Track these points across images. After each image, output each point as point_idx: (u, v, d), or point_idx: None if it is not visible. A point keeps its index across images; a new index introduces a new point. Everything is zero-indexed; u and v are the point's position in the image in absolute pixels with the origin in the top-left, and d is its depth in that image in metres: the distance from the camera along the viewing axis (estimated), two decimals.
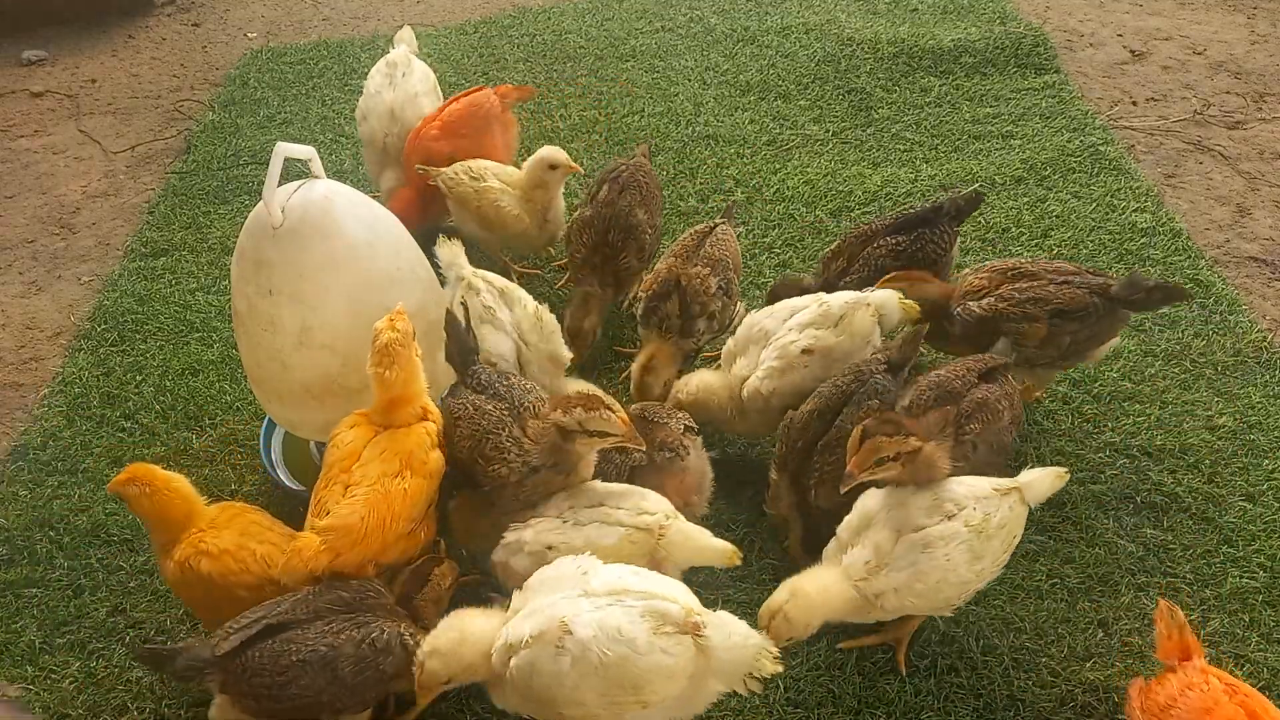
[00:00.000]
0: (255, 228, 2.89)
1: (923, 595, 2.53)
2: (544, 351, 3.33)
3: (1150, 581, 3.03)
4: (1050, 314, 3.15)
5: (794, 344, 3.15)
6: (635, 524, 2.61)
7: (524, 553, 2.64)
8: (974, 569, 2.54)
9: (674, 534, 2.61)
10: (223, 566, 2.72)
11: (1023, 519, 2.65)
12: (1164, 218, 4.36)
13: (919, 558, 2.49)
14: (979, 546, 2.52)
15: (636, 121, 5.31)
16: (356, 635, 2.50)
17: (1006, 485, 2.61)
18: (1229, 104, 5.14)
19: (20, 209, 5.27)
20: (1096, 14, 5.97)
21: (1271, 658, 2.81)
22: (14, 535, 3.47)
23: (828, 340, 3.14)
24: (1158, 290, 3.15)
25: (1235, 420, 3.47)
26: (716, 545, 2.61)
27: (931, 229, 3.52)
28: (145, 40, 6.76)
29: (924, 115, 5.13)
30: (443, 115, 4.30)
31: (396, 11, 6.80)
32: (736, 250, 3.73)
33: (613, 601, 2.29)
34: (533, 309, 3.36)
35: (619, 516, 2.64)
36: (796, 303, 3.27)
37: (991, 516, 2.54)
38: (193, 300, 4.45)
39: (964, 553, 2.50)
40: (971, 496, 2.56)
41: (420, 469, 2.73)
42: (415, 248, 3.18)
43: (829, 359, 3.15)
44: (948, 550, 2.49)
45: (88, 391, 4.02)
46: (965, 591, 2.60)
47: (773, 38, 5.90)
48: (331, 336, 2.93)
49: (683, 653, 2.26)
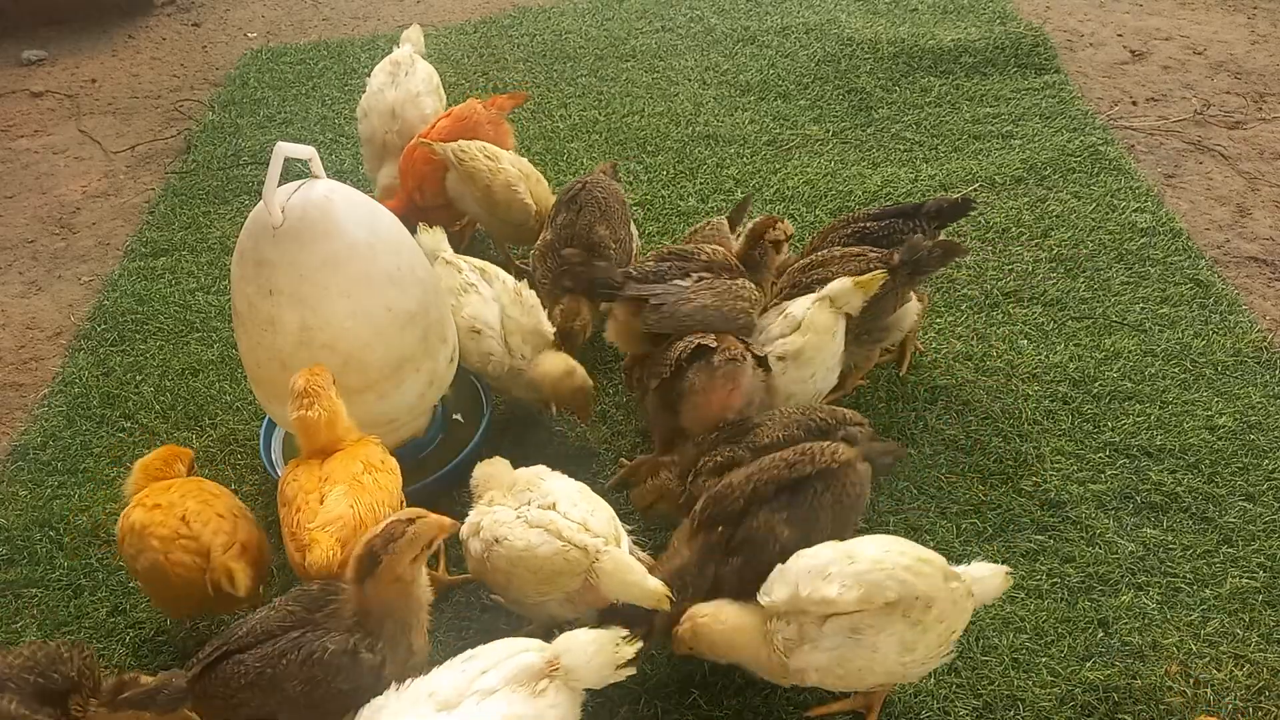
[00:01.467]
0: (255, 228, 2.89)
1: (843, 680, 2.45)
2: (525, 325, 3.40)
3: (1150, 581, 3.03)
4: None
5: (770, 354, 3.21)
6: (574, 541, 2.58)
7: (478, 538, 2.70)
8: (902, 660, 2.40)
9: (607, 562, 2.56)
10: (148, 518, 2.77)
11: (967, 613, 2.48)
12: (1164, 218, 4.36)
13: (843, 642, 2.38)
14: (911, 638, 2.38)
15: (636, 121, 5.31)
16: (298, 655, 2.42)
17: (954, 574, 2.45)
18: (1229, 104, 5.14)
19: (20, 209, 5.27)
20: (1096, 14, 5.97)
21: (1271, 658, 2.81)
22: (14, 535, 3.47)
23: (796, 343, 3.19)
24: (938, 248, 3.33)
25: (1235, 420, 3.47)
26: (647, 584, 2.52)
27: (906, 220, 3.55)
28: (145, 40, 6.77)
29: (924, 115, 5.13)
30: (431, 134, 4.24)
31: (396, 11, 6.81)
32: (728, 238, 3.68)
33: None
34: (513, 285, 3.46)
35: (561, 528, 2.60)
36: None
37: (930, 607, 2.37)
38: (193, 300, 4.45)
39: (894, 643, 2.37)
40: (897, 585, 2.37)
41: (382, 466, 2.80)
42: (415, 248, 3.19)
43: (802, 359, 3.20)
44: (876, 639, 2.36)
45: (88, 391, 4.02)
46: (891, 679, 2.50)
47: (773, 38, 5.90)
48: (331, 336, 2.93)
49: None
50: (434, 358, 3.22)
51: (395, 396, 3.13)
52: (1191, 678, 2.78)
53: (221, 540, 2.77)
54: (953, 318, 3.97)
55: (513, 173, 4.04)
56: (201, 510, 2.81)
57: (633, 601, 2.56)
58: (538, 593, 2.65)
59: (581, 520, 2.63)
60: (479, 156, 4.03)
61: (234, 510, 2.91)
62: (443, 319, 3.28)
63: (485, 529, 2.69)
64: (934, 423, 3.55)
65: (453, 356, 3.38)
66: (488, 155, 4.05)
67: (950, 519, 3.23)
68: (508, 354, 3.35)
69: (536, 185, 4.12)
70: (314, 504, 2.68)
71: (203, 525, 2.77)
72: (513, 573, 2.63)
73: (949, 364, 3.78)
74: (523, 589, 2.66)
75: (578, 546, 2.57)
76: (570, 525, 2.62)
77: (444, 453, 3.51)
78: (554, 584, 2.61)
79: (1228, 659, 2.81)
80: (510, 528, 2.65)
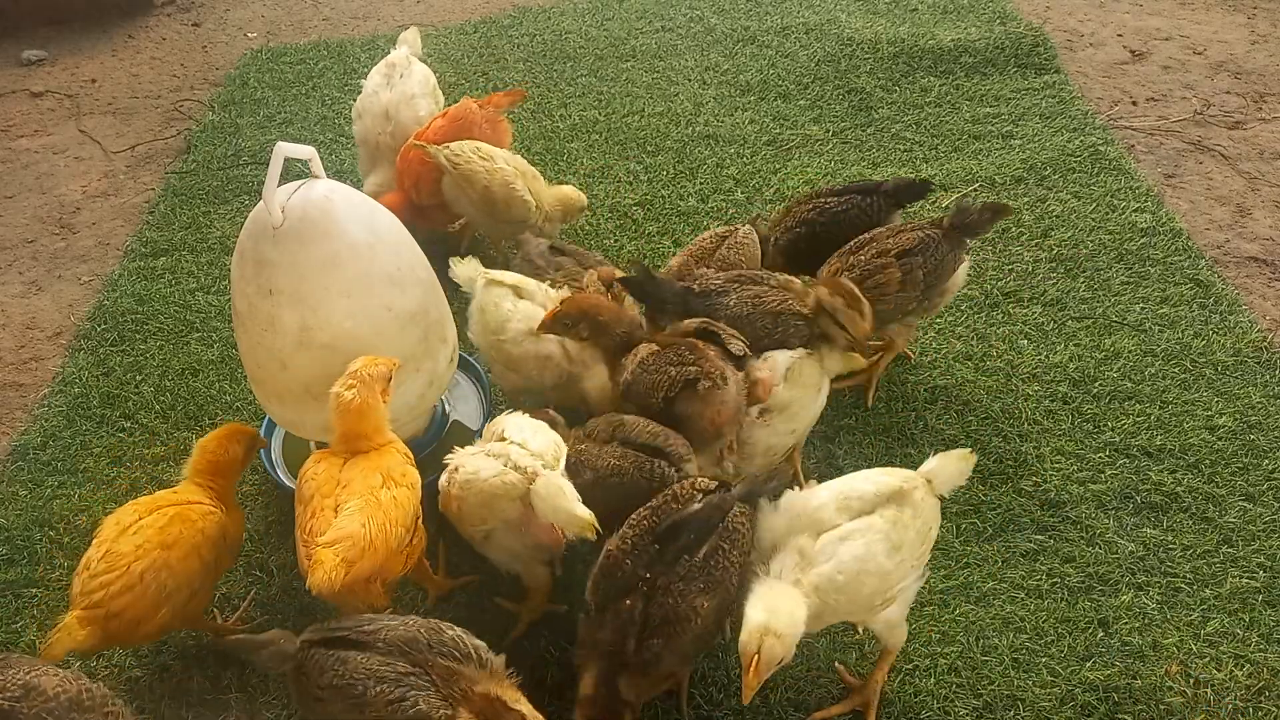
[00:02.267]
0: (255, 228, 2.89)
1: (845, 590, 2.49)
2: None
3: (1150, 581, 3.03)
4: (897, 257, 3.35)
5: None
6: (516, 463, 2.66)
7: (446, 471, 2.80)
8: (893, 559, 2.53)
9: (540, 484, 2.61)
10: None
11: (936, 509, 2.67)
12: (1164, 218, 4.36)
13: (839, 549, 2.50)
14: (895, 536, 2.54)
15: (636, 121, 5.31)
16: (391, 693, 2.34)
17: (912, 476, 2.66)
18: (1229, 104, 5.14)
19: (20, 209, 5.27)
20: (1096, 14, 5.97)
21: (1271, 658, 2.81)
22: (14, 535, 3.47)
23: (782, 397, 3.09)
24: (986, 210, 3.44)
25: (1235, 420, 3.48)
26: (576, 510, 2.55)
27: (864, 197, 3.66)
28: (145, 40, 6.76)
29: (924, 115, 5.13)
30: (426, 134, 4.24)
31: (396, 11, 6.80)
32: (756, 255, 3.66)
33: None
34: (554, 294, 3.39)
35: (511, 454, 2.69)
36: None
37: (902, 512, 2.58)
38: (193, 300, 4.45)
39: (881, 542, 2.52)
40: (875, 495, 2.60)
41: (402, 480, 2.74)
42: (415, 248, 3.18)
43: (788, 414, 3.10)
44: (866, 539, 2.51)
45: (88, 391, 4.02)
46: (887, 586, 2.56)
47: (773, 38, 5.90)
48: (331, 336, 2.93)
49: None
50: (434, 358, 3.22)
51: (395, 396, 3.12)
52: (1191, 678, 2.78)
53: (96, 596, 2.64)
54: (953, 318, 3.97)
55: (509, 171, 4.03)
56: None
57: (564, 529, 2.61)
58: (480, 519, 2.74)
59: (521, 441, 2.73)
60: (473, 158, 4.02)
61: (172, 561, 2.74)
62: (443, 319, 3.28)
63: (454, 460, 2.81)
64: (934, 423, 3.55)
65: (452, 357, 3.37)
66: (482, 155, 4.04)
67: (950, 519, 3.23)
68: (566, 357, 3.31)
69: (534, 182, 4.12)
70: (328, 513, 2.62)
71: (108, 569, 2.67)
72: (463, 500, 2.73)
73: (949, 364, 3.78)
74: (470, 516, 2.75)
75: (517, 468, 2.64)
76: (519, 451, 2.70)
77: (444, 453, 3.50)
78: (493, 509, 2.70)
79: (1228, 659, 2.82)
80: (468, 458, 2.77)
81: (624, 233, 4.53)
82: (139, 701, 2.93)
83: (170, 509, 2.81)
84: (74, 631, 2.60)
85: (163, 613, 2.73)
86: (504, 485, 2.65)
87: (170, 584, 2.72)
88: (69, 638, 2.59)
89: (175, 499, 2.86)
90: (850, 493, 2.60)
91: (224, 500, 2.96)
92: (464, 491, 2.72)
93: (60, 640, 2.58)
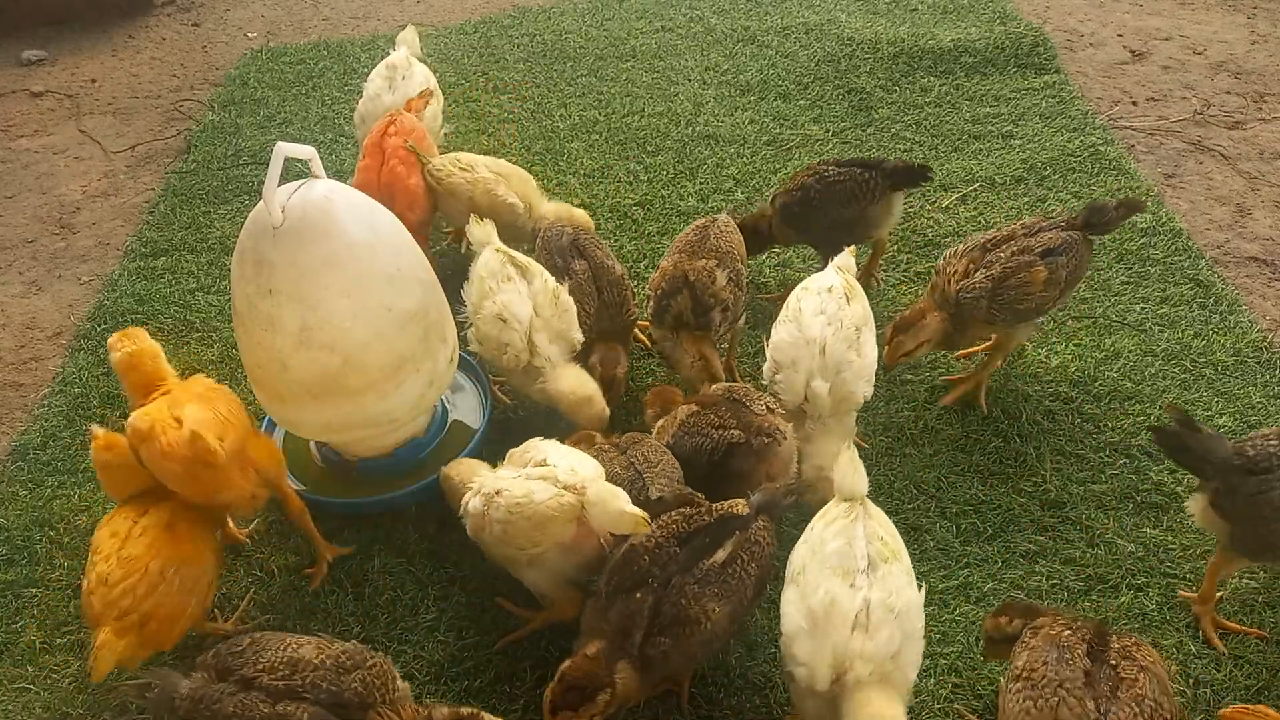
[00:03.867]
0: (255, 227, 2.89)
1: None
2: (556, 326, 3.38)
3: (1150, 581, 3.03)
4: (1042, 255, 3.33)
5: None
6: (569, 484, 2.66)
7: (479, 495, 2.77)
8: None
9: (592, 492, 2.62)
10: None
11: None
12: (1164, 218, 4.36)
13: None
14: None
15: (636, 121, 5.31)
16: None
17: None
18: (1229, 104, 5.14)
19: (20, 209, 5.27)
20: (1096, 14, 5.97)
21: (1271, 658, 2.81)
22: (14, 535, 3.47)
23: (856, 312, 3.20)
24: (1121, 207, 3.43)
25: (1235, 420, 3.47)
26: (629, 510, 2.57)
27: (864, 170, 3.77)
28: (145, 40, 6.76)
29: (924, 115, 5.13)
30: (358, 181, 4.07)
31: (396, 11, 6.80)
32: (740, 241, 3.72)
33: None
34: (552, 286, 3.43)
35: (559, 475, 2.69)
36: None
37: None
38: (193, 300, 4.45)
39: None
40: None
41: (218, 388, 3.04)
42: (415, 248, 3.18)
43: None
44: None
45: (88, 391, 4.02)
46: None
47: (773, 38, 5.90)
48: (331, 336, 2.93)
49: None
50: (434, 358, 3.22)
51: (395, 396, 3.13)
52: (1191, 678, 2.78)
53: None
54: None
55: (490, 178, 4.00)
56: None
57: (617, 530, 2.62)
58: (531, 542, 2.69)
59: (570, 468, 2.71)
60: (454, 172, 4.02)
61: None
62: (443, 319, 3.28)
63: (486, 486, 2.76)
64: (934, 423, 3.55)
65: (452, 356, 3.38)
66: (461, 166, 4.04)
67: (950, 519, 3.23)
68: (527, 350, 3.34)
69: (521, 184, 4.07)
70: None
71: None
72: (510, 523, 2.67)
73: (949, 364, 3.78)
74: (518, 540, 2.69)
75: (572, 489, 2.63)
76: (566, 470, 2.69)
77: (444, 452, 3.51)
78: (546, 531, 2.66)
79: (1228, 659, 2.81)
80: (511, 481, 2.74)
81: (624, 233, 4.53)
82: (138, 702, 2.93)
83: (166, 506, 2.83)
84: (113, 645, 2.57)
85: (193, 604, 2.76)
86: (561, 507, 2.62)
87: (191, 575, 2.75)
88: (110, 653, 2.56)
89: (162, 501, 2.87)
90: None
91: None
92: (513, 515, 2.67)
93: (102, 658, 2.55)
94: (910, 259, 4.26)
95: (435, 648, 3.01)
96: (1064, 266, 3.35)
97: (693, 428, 3.04)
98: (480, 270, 3.47)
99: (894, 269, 4.22)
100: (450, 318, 3.37)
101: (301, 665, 2.34)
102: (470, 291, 3.47)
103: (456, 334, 3.43)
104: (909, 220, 4.44)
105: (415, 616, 3.09)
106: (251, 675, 2.34)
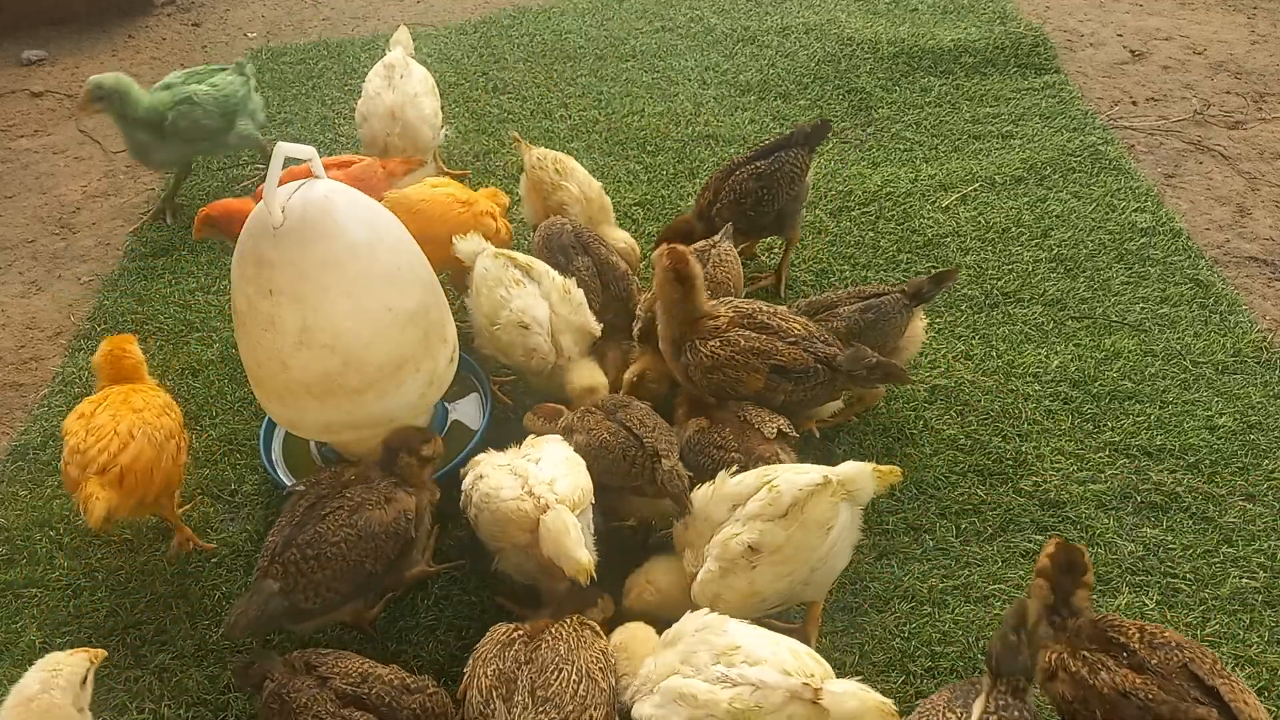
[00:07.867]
0: (255, 227, 2.89)
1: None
2: (574, 322, 3.40)
3: (1150, 581, 3.03)
4: (770, 369, 3.10)
5: (735, 539, 2.60)
6: (534, 492, 2.68)
7: (472, 471, 2.88)
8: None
9: (550, 518, 2.61)
10: None
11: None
12: (1164, 218, 4.36)
13: None
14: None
15: (636, 121, 5.31)
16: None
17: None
18: (1229, 104, 5.14)
19: (20, 209, 5.27)
20: (1096, 14, 5.97)
21: (1272, 658, 2.81)
22: (14, 535, 3.47)
23: (776, 536, 2.57)
24: (879, 368, 3.11)
25: (1235, 420, 3.47)
26: (576, 553, 2.54)
27: (787, 151, 3.87)
28: (145, 40, 6.76)
29: (924, 115, 5.13)
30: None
31: (396, 11, 6.80)
32: (739, 272, 3.71)
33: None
34: (560, 282, 3.44)
35: (531, 480, 2.71)
36: (746, 483, 2.71)
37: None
38: (193, 300, 4.45)
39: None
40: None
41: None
42: (416, 248, 3.18)
43: (780, 556, 2.58)
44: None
45: (88, 391, 4.00)
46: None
47: (773, 38, 5.90)
48: (331, 336, 2.93)
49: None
50: (434, 358, 3.22)
51: (395, 396, 3.13)
52: None
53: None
54: (953, 318, 3.98)
55: (575, 193, 3.88)
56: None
57: (559, 564, 2.59)
58: (492, 537, 2.81)
59: (549, 479, 2.71)
60: (550, 169, 3.91)
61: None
62: (443, 319, 3.28)
63: (481, 464, 2.85)
64: (934, 423, 3.55)
65: (453, 356, 3.37)
66: (558, 170, 3.92)
67: (950, 519, 3.23)
68: (554, 351, 3.35)
69: (600, 212, 3.98)
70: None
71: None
72: (480, 512, 2.79)
73: (949, 364, 3.78)
74: (486, 530, 2.82)
75: (532, 498, 2.65)
76: (540, 480, 2.70)
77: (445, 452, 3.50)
78: (505, 531, 2.73)
79: (1228, 659, 2.81)
80: (494, 468, 2.80)
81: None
82: (138, 701, 2.94)
83: (123, 388, 3.19)
84: (100, 495, 2.80)
85: (165, 459, 3.04)
86: (517, 512, 2.67)
87: (157, 434, 3.05)
88: (98, 502, 2.79)
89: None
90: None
91: None
92: (480, 508, 2.77)
93: (93, 506, 2.78)
94: (910, 259, 4.26)
95: (435, 648, 3.01)
96: (784, 391, 3.11)
97: (696, 444, 3.05)
98: (486, 280, 3.43)
99: (894, 269, 4.22)
100: (450, 317, 3.36)
101: (372, 679, 2.54)
102: (479, 303, 3.44)
103: (456, 333, 3.43)
104: (909, 220, 4.44)
105: (415, 616, 3.09)
106: (327, 675, 2.54)
